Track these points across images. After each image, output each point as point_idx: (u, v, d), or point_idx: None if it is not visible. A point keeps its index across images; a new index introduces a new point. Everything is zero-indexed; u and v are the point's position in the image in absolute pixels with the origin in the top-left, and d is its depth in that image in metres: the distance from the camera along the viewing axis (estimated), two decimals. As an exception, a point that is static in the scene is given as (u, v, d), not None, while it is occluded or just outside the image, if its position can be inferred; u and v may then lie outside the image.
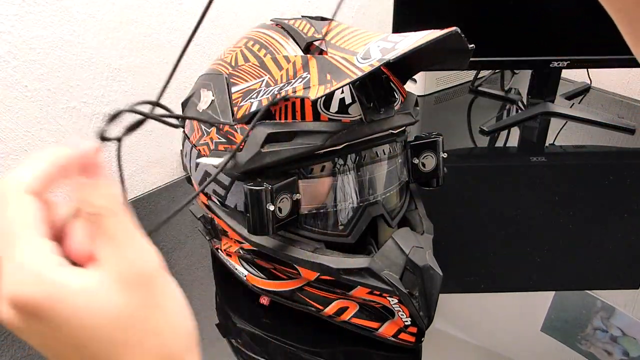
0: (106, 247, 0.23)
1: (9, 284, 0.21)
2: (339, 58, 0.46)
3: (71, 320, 0.21)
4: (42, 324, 0.22)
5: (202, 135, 0.54)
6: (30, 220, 0.23)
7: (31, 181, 0.23)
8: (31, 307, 0.21)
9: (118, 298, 0.22)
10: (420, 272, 0.49)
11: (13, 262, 0.22)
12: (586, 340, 0.56)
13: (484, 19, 0.96)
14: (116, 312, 0.22)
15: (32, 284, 0.21)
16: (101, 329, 0.22)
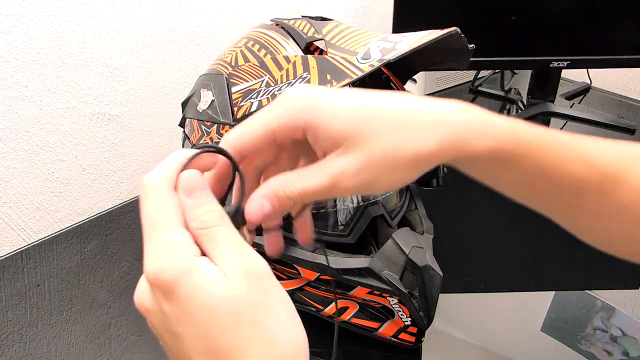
0: (217, 253, 0.26)
1: (152, 264, 0.25)
2: (339, 58, 0.46)
3: (197, 298, 0.24)
4: (172, 301, 0.24)
5: (202, 135, 0.54)
6: (172, 211, 0.26)
7: (172, 177, 0.27)
8: (168, 284, 0.24)
9: (237, 290, 0.25)
10: (420, 272, 0.49)
11: (158, 245, 0.25)
12: (586, 340, 0.56)
13: (484, 19, 0.96)
14: (235, 302, 0.24)
15: (172, 264, 0.24)
16: (221, 313, 0.24)
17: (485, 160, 0.29)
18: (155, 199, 0.26)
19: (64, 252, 0.73)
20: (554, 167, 0.30)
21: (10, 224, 0.73)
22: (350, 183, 0.28)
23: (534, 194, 0.32)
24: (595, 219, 0.32)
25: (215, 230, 0.26)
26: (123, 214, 0.81)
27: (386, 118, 0.28)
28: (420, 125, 0.28)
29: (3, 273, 0.69)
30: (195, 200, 0.27)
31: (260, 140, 0.29)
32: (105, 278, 0.68)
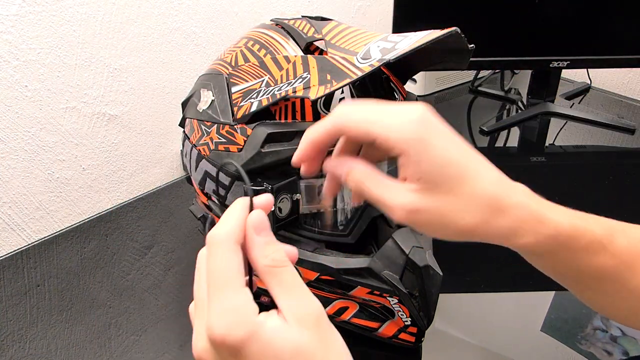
0: (282, 294, 0.27)
1: (219, 325, 0.26)
2: (339, 58, 0.46)
3: (266, 354, 0.26)
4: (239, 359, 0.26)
5: (202, 135, 0.54)
6: (236, 270, 0.27)
7: (238, 233, 0.28)
8: (236, 345, 0.25)
9: (301, 335, 0.26)
10: (420, 272, 0.49)
11: (224, 307, 0.26)
12: (586, 340, 0.56)
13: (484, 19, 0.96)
14: (301, 347, 0.26)
15: (240, 326, 0.26)
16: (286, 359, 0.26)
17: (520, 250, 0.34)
18: (222, 258, 0.27)
19: (64, 252, 0.73)
20: (584, 261, 0.34)
21: (10, 224, 0.73)
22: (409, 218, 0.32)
23: (557, 275, 0.37)
24: (609, 298, 0.36)
25: (282, 270, 0.28)
26: (123, 214, 0.81)
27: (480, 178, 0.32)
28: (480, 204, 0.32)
29: (3, 273, 0.69)
30: (265, 239, 0.28)
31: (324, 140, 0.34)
32: (105, 278, 0.68)
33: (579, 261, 0.34)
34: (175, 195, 0.87)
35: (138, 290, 0.66)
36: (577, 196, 0.81)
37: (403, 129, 0.30)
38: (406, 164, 0.31)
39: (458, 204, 0.31)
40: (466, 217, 0.31)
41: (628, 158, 0.95)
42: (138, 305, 0.64)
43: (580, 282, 0.36)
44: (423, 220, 0.32)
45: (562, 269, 0.35)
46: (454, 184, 0.31)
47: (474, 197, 0.31)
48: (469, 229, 0.32)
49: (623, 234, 0.35)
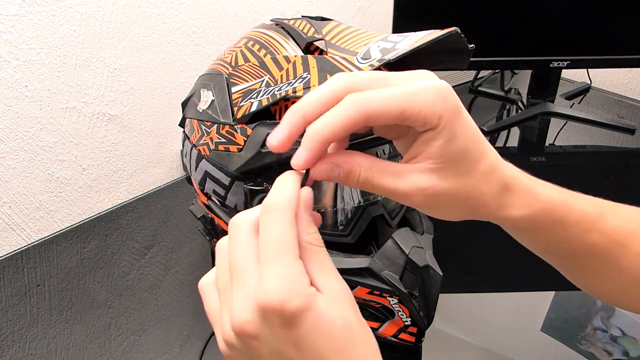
0: (321, 272, 0.27)
1: (277, 291, 0.24)
2: (339, 58, 0.46)
3: (318, 326, 0.25)
4: (291, 329, 0.25)
5: (202, 135, 0.54)
6: (294, 241, 0.26)
7: (294, 202, 0.27)
8: (293, 314, 0.24)
9: (343, 311, 0.26)
10: (420, 272, 0.49)
11: (281, 274, 0.25)
12: (586, 340, 0.56)
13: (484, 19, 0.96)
14: (348, 322, 0.26)
15: (298, 295, 0.25)
16: (339, 334, 0.26)
17: (513, 225, 0.33)
18: (282, 224, 0.26)
19: (64, 252, 0.73)
20: (575, 237, 0.33)
21: (10, 224, 0.73)
22: (425, 201, 0.30)
23: (550, 253, 0.36)
24: (600, 278, 0.36)
25: (320, 250, 0.28)
26: (123, 214, 0.81)
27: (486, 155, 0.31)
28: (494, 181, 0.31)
29: (3, 273, 0.69)
30: (309, 218, 0.28)
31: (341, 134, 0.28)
32: (105, 278, 0.68)
33: (571, 237, 0.34)
34: (175, 195, 0.87)
35: (138, 290, 0.66)
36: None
37: (442, 101, 0.28)
38: (433, 140, 0.28)
39: (478, 180, 0.30)
40: (482, 193, 0.30)
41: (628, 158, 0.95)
42: (138, 305, 0.64)
43: (571, 260, 0.36)
44: (439, 202, 0.30)
45: (553, 246, 0.35)
46: (474, 161, 0.30)
47: (489, 174, 0.31)
48: (482, 206, 0.31)
49: (613, 212, 0.35)
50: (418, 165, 0.29)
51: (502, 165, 0.32)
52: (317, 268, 0.27)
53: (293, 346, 0.25)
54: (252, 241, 0.27)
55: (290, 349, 0.25)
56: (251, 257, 0.26)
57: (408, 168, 0.29)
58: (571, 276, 0.38)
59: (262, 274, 0.25)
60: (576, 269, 0.37)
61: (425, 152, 0.29)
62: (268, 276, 0.25)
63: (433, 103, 0.28)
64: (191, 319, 0.61)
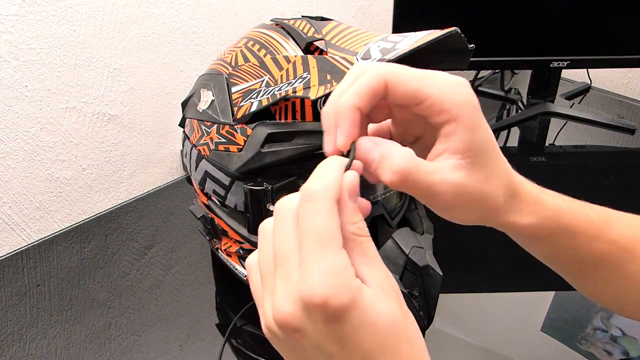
0: (366, 264, 0.26)
1: (322, 286, 0.23)
2: (339, 58, 0.46)
3: (365, 323, 0.24)
4: (336, 326, 0.23)
5: (202, 135, 0.54)
6: (336, 230, 0.24)
7: (337, 191, 0.25)
8: (337, 310, 0.23)
9: (393, 306, 0.25)
10: (420, 272, 0.49)
11: (326, 267, 0.23)
12: (586, 340, 0.56)
13: (484, 19, 0.96)
14: (393, 319, 0.25)
15: (344, 290, 0.23)
16: (384, 333, 0.24)
17: (520, 232, 0.33)
18: (323, 213, 0.24)
19: (64, 252, 0.73)
20: (582, 245, 0.33)
21: (10, 224, 0.73)
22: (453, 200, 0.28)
23: (557, 261, 0.36)
24: (607, 285, 0.36)
25: (366, 240, 0.26)
26: (123, 214, 0.81)
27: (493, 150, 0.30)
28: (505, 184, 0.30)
29: (3, 273, 0.69)
30: (354, 205, 0.26)
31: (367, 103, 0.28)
32: (105, 278, 0.68)
33: (578, 245, 0.33)
34: (175, 195, 0.87)
35: (138, 290, 0.66)
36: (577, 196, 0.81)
37: (460, 91, 0.27)
38: (455, 133, 0.27)
39: (494, 180, 0.29)
40: (497, 196, 0.30)
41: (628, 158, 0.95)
42: (138, 305, 0.64)
43: (578, 268, 0.35)
44: (464, 200, 0.29)
45: (561, 254, 0.35)
46: (491, 156, 0.29)
47: (503, 175, 0.30)
48: (495, 208, 0.30)
49: (618, 220, 0.35)
50: (448, 162, 0.28)
51: (512, 170, 0.32)
52: (362, 259, 0.25)
53: (336, 343, 0.24)
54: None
55: (332, 346, 0.24)
56: (296, 247, 0.25)
57: (439, 165, 0.28)
58: (578, 284, 0.38)
59: (305, 267, 0.23)
60: (583, 277, 0.36)
61: (451, 147, 0.28)
62: (312, 270, 0.23)
63: (453, 91, 0.27)
64: (191, 319, 0.61)
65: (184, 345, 0.58)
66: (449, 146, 0.28)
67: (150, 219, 0.80)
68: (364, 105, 0.27)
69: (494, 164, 0.29)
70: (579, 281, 0.37)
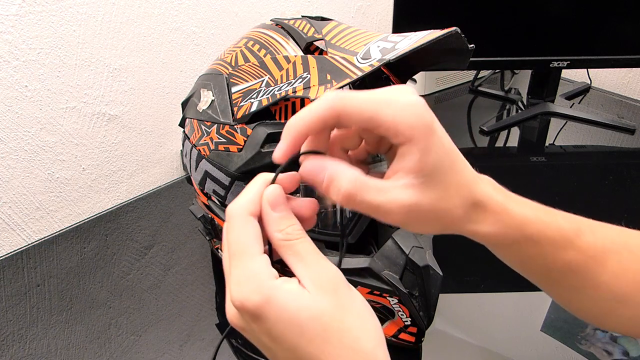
0: (298, 263, 0.28)
1: (237, 293, 0.27)
2: (339, 58, 0.46)
3: (283, 318, 0.26)
4: (260, 323, 0.27)
5: (202, 135, 0.54)
6: (252, 239, 0.28)
7: (251, 205, 0.29)
8: (254, 310, 0.27)
9: (318, 300, 0.27)
10: (420, 272, 0.49)
11: (241, 275, 0.27)
12: (586, 340, 0.56)
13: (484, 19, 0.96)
14: (318, 312, 0.27)
15: (255, 292, 0.27)
16: (307, 325, 0.27)
17: (483, 239, 0.33)
18: (236, 230, 0.28)
19: (64, 252, 0.73)
20: (549, 254, 0.34)
21: (10, 224, 0.73)
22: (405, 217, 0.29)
23: (525, 269, 0.36)
24: (577, 294, 0.36)
25: (297, 242, 0.28)
26: (123, 214, 0.81)
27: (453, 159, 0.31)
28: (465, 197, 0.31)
29: (3, 273, 0.69)
30: (279, 214, 0.29)
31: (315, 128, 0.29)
32: (105, 278, 0.68)
33: (546, 255, 0.34)
34: (175, 195, 0.87)
35: (138, 290, 0.66)
36: (577, 196, 0.81)
37: (413, 113, 0.28)
38: (409, 154, 0.28)
39: (450, 195, 0.30)
40: (455, 209, 0.30)
41: (628, 158, 0.95)
42: (138, 305, 0.64)
43: (547, 276, 0.36)
44: (417, 217, 0.30)
45: (529, 263, 0.35)
46: (448, 174, 0.30)
47: (461, 187, 0.30)
48: (457, 220, 0.31)
49: (590, 229, 0.35)
50: (399, 182, 0.29)
51: (476, 181, 0.32)
52: (295, 260, 0.28)
53: (267, 337, 0.27)
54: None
55: (266, 339, 0.27)
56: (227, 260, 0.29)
57: (390, 184, 0.29)
58: (549, 292, 0.38)
59: (228, 276, 0.28)
60: (553, 285, 0.37)
61: (405, 167, 0.29)
62: (231, 279, 0.28)
63: (407, 113, 0.28)
64: (191, 319, 0.61)
65: (184, 345, 0.58)
66: (403, 166, 0.29)
67: (150, 219, 0.80)
68: (312, 130, 0.29)
69: (451, 180, 0.30)
70: (549, 289, 0.38)
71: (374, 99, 0.28)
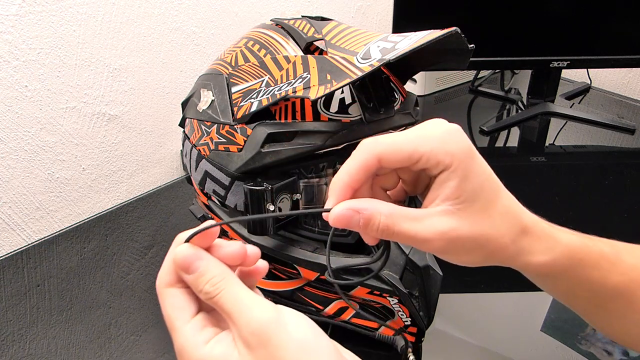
0: (228, 321, 0.28)
1: None
2: (339, 58, 0.46)
3: None
4: None
5: (202, 135, 0.54)
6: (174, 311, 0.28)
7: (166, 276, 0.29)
8: None
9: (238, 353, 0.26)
10: (420, 272, 0.49)
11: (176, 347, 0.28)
12: (586, 340, 0.56)
13: (484, 18, 0.96)
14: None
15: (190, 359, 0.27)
16: None
17: (534, 271, 0.33)
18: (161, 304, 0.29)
19: (64, 252, 0.73)
20: (597, 279, 0.33)
21: (10, 224, 0.73)
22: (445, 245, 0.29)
23: (573, 298, 0.36)
24: (622, 320, 0.35)
25: (217, 298, 0.28)
26: (123, 214, 0.81)
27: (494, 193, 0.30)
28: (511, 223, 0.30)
29: (3, 273, 0.69)
30: (193, 275, 0.28)
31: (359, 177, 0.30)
32: (105, 278, 0.68)
33: (593, 281, 0.33)
34: (175, 195, 0.87)
35: (138, 290, 0.66)
36: (577, 196, 0.81)
37: (452, 140, 0.28)
38: (447, 181, 0.28)
39: (495, 222, 0.30)
40: (500, 237, 0.30)
41: (628, 158, 0.95)
42: (138, 305, 0.64)
43: (594, 303, 0.35)
44: (457, 245, 0.29)
45: (576, 292, 0.34)
46: (490, 200, 0.29)
47: (507, 214, 0.30)
48: (500, 250, 0.30)
49: (628, 252, 0.35)
50: (437, 209, 0.29)
51: (520, 208, 0.31)
52: (223, 315, 0.28)
53: None
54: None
55: None
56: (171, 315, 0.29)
57: (427, 212, 0.29)
58: (593, 320, 0.37)
59: None
60: (599, 312, 0.36)
61: (442, 195, 0.29)
62: None
63: (445, 142, 0.28)
64: (191, 319, 0.61)
65: (184, 345, 0.58)
66: (441, 193, 0.29)
67: (150, 219, 0.80)
68: (356, 180, 0.30)
69: (495, 207, 0.30)
70: (593, 317, 0.37)
71: (412, 136, 0.29)
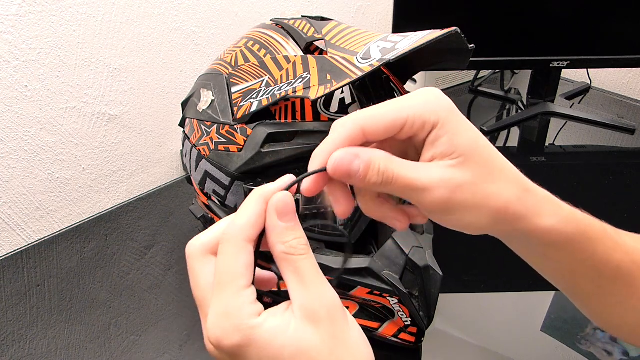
0: (295, 284, 0.26)
1: (215, 329, 0.25)
2: (339, 58, 0.46)
3: (264, 357, 0.25)
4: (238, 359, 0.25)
5: (202, 135, 0.54)
6: (240, 270, 0.26)
7: (249, 229, 0.27)
8: (232, 350, 0.25)
9: (307, 333, 0.25)
10: (420, 272, 0.49)
11: (222, 307, 0.25)
12: (586, 340, 0.56)
13: (484, 18, 0.96)
14: (304, 347, 0.25)
15: (235, 331, 0.25)
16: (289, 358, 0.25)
17: (541, 238, 0.31)
18: (228, 257, 0.26)
19: (64, 252, 0.73)
20: (601, 254, 0.32)
21: (10, 224, 0.73)
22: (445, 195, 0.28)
23: (575, 276, 0.34)
24: (620, 305, 0.34)
25: (299, 259, 0.26)
26: (123, 214, 0.81)
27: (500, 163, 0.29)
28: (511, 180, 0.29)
29: (3, 273, 0.69)
30: (286, 224, 0.27)
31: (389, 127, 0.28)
32: (105, 278, 0.68)
33: (598, 256, 0.31)
34: (175, 195, 0.87)
35: (138, 290, 0.66)
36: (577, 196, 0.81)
37: (434, 99, 0.28)
38: (438, 138, 0.28)
39: (496, 176, 0.28)
40: (504, 192, 0.28)
41: (628, 158, 0.95)
42: (138, 305, 0.64)
43: (596, 284, 0.33)
44: (462, 200, 0.28)
45: (579, 267, 0.32)
46: (487, 157, 0.29)
47: (506, 171, 0.29)
48: (504, 206, 0.28)
49: (628, 235, 0.34)
50: (437, 163, 0.28)
51: (517, 169, 0.30)
52: (292, 279, 0.26)
53: None
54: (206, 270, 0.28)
55: None
56: (206, 288, 0.27)
57: (427, 164, 0.28)
58: (591, 305, 0.36)
59: (211, 307, 0.26)
60: (598, 295, 0.34)
61: (438, 153, 0.28)
62: (211, 311, 0.26)
63: (427, 102, 0.28)
64: (191, 319, 0.61)
65: (184, 345, 0.58)
66: (436, 152, 0.28)
67: (150, 219, 0.80)
68: None
69: (493, 162, 0.29)
70: (594, 302, 0.35)
71: (393, 103, 0.28)
